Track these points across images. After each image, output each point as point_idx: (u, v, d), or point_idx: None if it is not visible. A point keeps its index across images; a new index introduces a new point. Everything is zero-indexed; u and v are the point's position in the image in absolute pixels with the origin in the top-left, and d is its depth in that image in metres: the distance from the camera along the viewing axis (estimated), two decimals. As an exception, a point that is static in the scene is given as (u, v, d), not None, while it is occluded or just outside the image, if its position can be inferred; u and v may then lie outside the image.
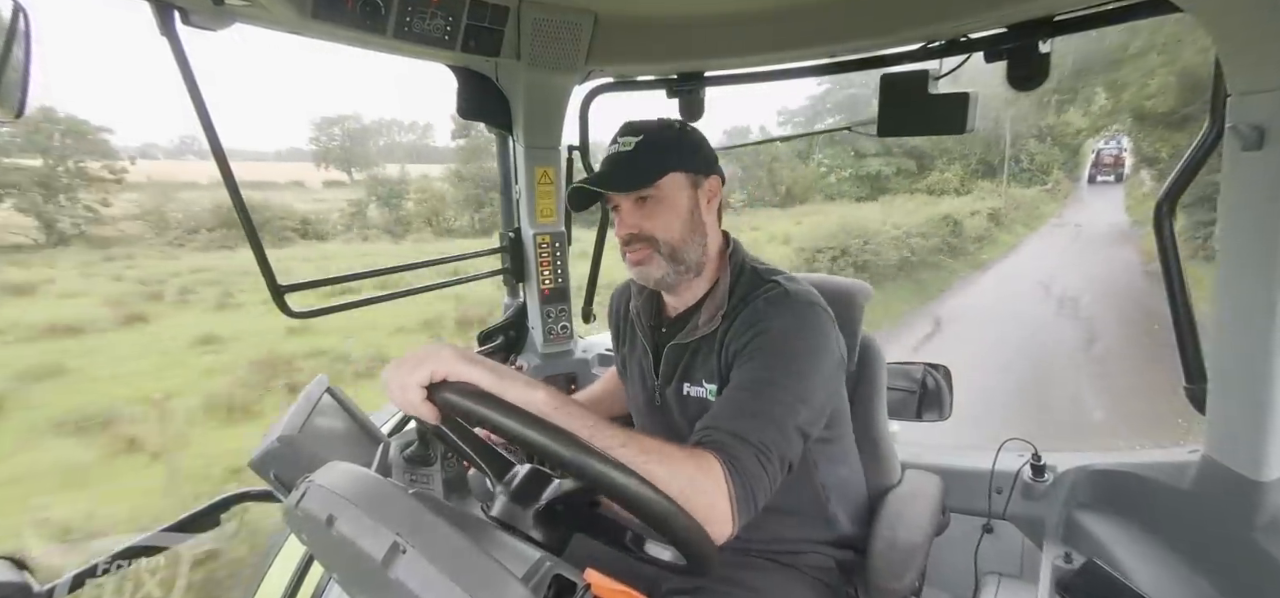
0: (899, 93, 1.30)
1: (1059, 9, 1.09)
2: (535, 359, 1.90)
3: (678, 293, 1.02)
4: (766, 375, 0.84)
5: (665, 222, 0.94)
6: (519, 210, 1.85)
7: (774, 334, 0.87)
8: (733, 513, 0.72)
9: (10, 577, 0.85)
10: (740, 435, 0.77)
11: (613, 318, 1.21)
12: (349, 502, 0.54)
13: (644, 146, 0.93)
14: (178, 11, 1.05)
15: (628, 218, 0.95)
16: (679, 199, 0.95)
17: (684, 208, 0.95)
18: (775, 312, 0.90)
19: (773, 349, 0.86)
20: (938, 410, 1.39)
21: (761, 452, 0.77)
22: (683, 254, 0.95)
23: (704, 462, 0.73)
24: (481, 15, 1.37)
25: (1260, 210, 0.90)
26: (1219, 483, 1.02)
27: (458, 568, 0.48)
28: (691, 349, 0.98)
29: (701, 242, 0.97)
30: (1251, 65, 0.89)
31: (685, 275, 0.97)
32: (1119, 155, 23.27)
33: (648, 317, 1.08)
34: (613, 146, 0.96)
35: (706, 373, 0.96)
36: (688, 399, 0.98)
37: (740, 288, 0.97)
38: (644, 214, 0.94)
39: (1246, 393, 0.95)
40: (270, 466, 0.86)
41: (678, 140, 0.96)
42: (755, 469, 0.76)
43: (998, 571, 1.45)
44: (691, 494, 0.68)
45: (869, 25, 1.29)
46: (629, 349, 1.13)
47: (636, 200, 0.94)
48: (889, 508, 1.11)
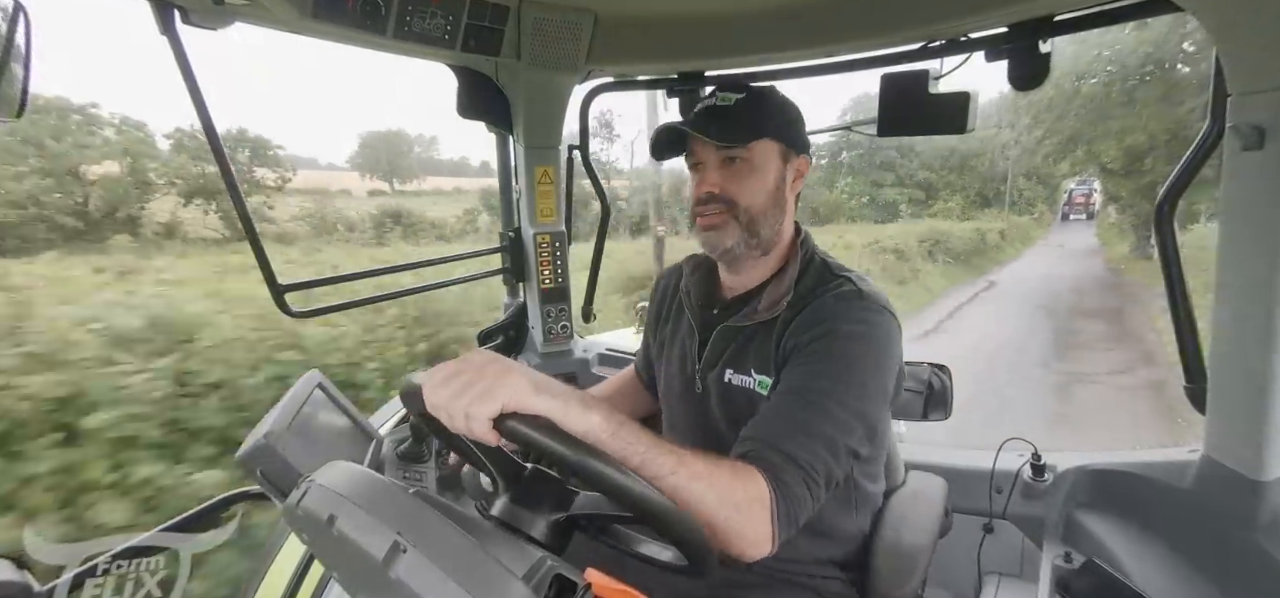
0: (899, 93, 1.30)
1: (1059, 9, 1.09)
2: (535, 359, 1.90)
3: (741, 271, 0.97)
4: (826, 385, 0.79)
5: (751, 187, 0.89)
6: (519, 210, 1.85)
7: (840, 338, 0.81)
8: (773, 537, 0.71)
9: (10, 577, 0.85)
10: (790, 455, 0.74)
11: (657, 296, 1.15)
12: (349, 501, 0.53)
13: (744, 105, 0.89)
14: (178, 11, 1.05)
15: (711, 176, 0.90)
16: (768, 168, 0.90)
17: (772, 178, 0.91)
18: (845, 313, 0.84)
19: (836, 355, 0.81)
20: (942, 410, 1.38)
21: (810, 474, 0.74)
22: (759, 226, 0.90)
23: (752, 484, 0.70)
24: (481, 15, 1.37)
25: (1260, 210, 0.90)
26: (1219, 483, 1.02)
27: (458, 568, 0.48)
28: (746, 334, 0.93)
29: (779, 219, 0.93)
30: (1251, 65, 0.89)
31: (754, 251, 0.93)
32: (1089, 195, 28.17)
33: (699, 296, 1.03)
34: (709, 99, 0.91)
35: (758, 362, 0.90)
36: (729, 387, 0.93)
37: (809, 278, 0.92)
38: (730, 175, 0.90)
39: (1246, 393, 0.95)
40: (257, 462, 0.84)
41: (778, 108, 0.92)
42: (801, 492, 0.73)
43: (998, 570, 1.45)
44: (738, 520, 0.68)
45: (869, 25, 1.29)
46: (671, 329, 1.07)
47: (724, 159, 0.90)
48: (893, 511, 1.09)
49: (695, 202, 0.93)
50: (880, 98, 1.32)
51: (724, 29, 1.45)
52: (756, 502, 0.70)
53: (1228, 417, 1.01)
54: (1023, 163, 24.36)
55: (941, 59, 1.27)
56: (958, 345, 8.25)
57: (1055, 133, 15.54)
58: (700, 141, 0.91)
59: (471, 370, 0.61)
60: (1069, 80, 13.76)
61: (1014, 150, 22.99)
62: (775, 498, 0.71)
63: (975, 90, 1.23)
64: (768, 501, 0.70)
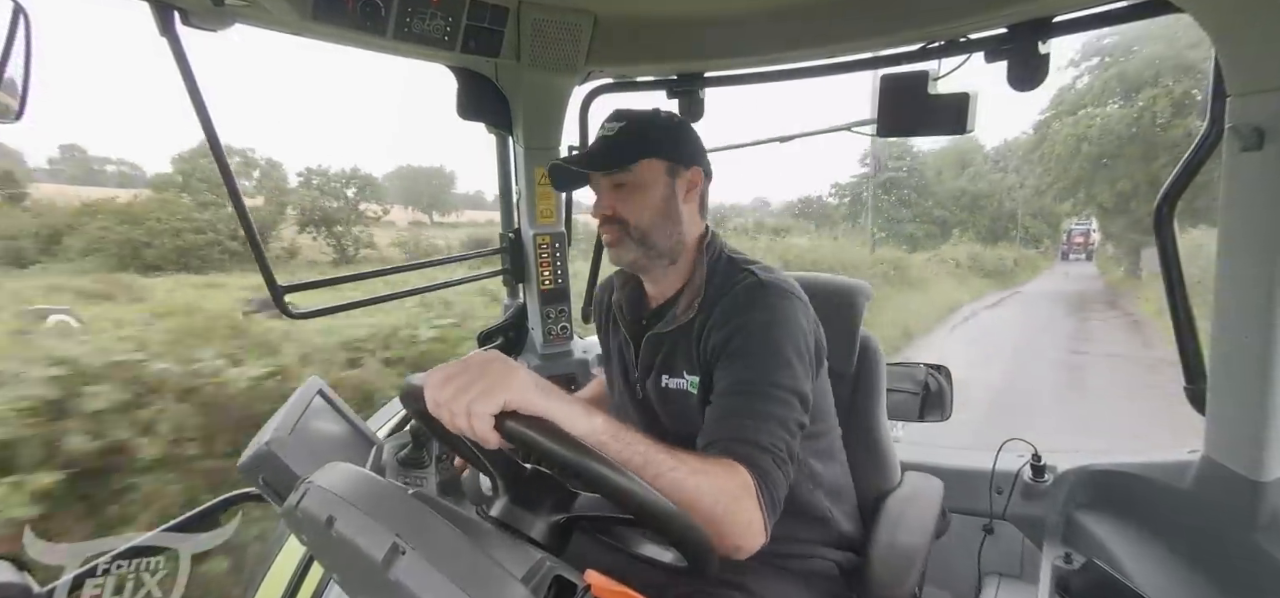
0: (899, 93, 1.30)
1: (1059, 9, 1.09)
2: (535, 359, 1.90)
3: (656, 282, 1.03)
4: (757, 373, 0.85)
5: (637, 206, 0.96)
6: (519, 211, 1.85)
7: (754, 330, 0.88)
8: (764, 523, 0.75)
9: (10, 577, 0.85)
10: (756, 442, 0.79)
11: (598, 310, 1.22)
12: (348, 502, 0.53)
13: (625, 132, 0.95)
14: (178, 12, 1.05)
15: (603, 199, 0.98)
16: (654, 186, 0.96)
17: (658, 195, 0.97)
18: (753, 303, 0.91)
19: (756, 345, 0.87)
20: (939, 411, 1.38)
21: (776, 454, 0.79)
22: (653, 240, 0.97)
23: (737, 475, 0.75)
24: (481, 16, 1.37)
25: (1260, 210, 0.90)
26: (1219, 483, 1.02)
27: (458, 569, 0.48)
28: (670, 339, 0.99)
29: (675, 230, 0.98)
30: (1251, 65, 0.89)
31: (658, 262, 0.99)
32: (1088, 235, 30.35)
33: (629, 309, 1.09)
34: (599, 131, 0.98)
35: (686, 363, 0.96)
36: (667, 391, 0.98)
37: (717, 278, 0.98)
38: (620, 196, 0.96)
39: (1246, 393, 0.95)
40: (259, 469, 0.85)
41: (660, 129, 0.98)
42: (776, 473, 0.78)
43: (998, 571, 1.45)
44: (733, 511, 0.72)
45: (869, 25, 1.29)
46: (611, 341, 1.13)
47: (614, 184, 0.97)
48: (889, 511, 1.10)
49: (599, 224, 1.01)
50: (880, 98, 1.32)
51: (724, 29, 1.45)
52: (744, 490, 0.75)
53: (1228, 417, 1.01)
54: (1032, 204, 29.82)
55: (940, 60, 1.27)
56: (1010, 312, 15.00)
57: (1061, 179, 20.40)
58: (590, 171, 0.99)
59: (473, 369, 0.61)
60: (1073, 140, 18.74)
61: (1021, 191, 29.58)
62: (758, 485, 0.76)
63: (975, 91, 1.24)
64: (753, 488, 0.75)
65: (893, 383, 1.36)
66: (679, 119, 1.02)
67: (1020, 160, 24.82)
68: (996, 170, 33.32)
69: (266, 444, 0.85)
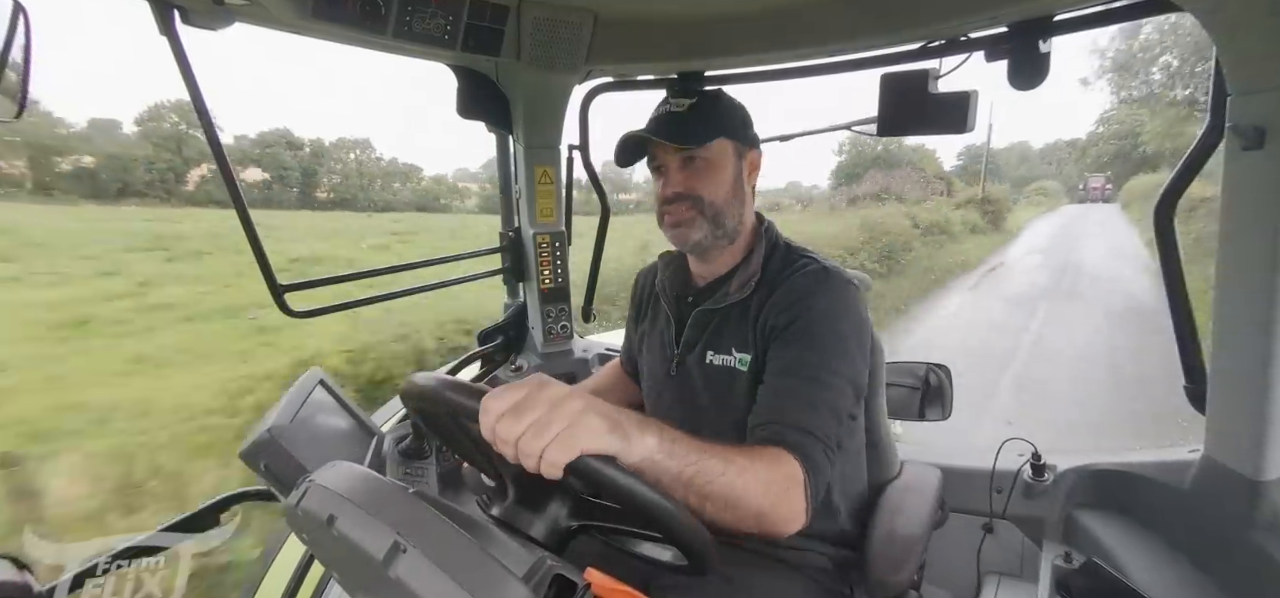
0: (899, 93, 1.29)
1: (1059, 9, 1.09)
2: (535, 359, 1.90)
3: (709, 261, 1.04)
4: (817, 357, 0.85)
5: (712, 183, 0.96)
6: (519, 210, 1.85)
7: (818, 315, 0.88)
8: (806, 510, 0.76)
9: (10, 577, 0.85)
10: (809, 430, 0.80)
11: (636, 294, 1.22)
12: (349, 501, 0.53)
13: (697, 109, 0.95)
14: (178, 11, 1.05)
15: (675, 176, 0.97)
16: (726, 164, 0.97)
17: (730, 173, 0.97)
18: (819, 290, 0.91)
19: (819, 330, 0.87)
20: (939, 409, 1.38)
21: (827, 445, 0.80)
22: (724, 219, 0.97)
23: (787, 466, 0.76)
24: (481, 14, 1.37)
25: (1260, 210, 0.90)
26: (1219, 483, 1.02)
27: (458, 568, 0.48)
28: (721, 315, 0.99)
29: (741, 210, 1.00)
30: (1251, 65, 0.88)
31: (721, 241, 0.99)
32: (1104, 184, 38.76)
33: (674, 287, 1.09)
34: (664, 105, 0.97)
35: (737, 341, 0.96)
36: (710, 367, 0.98)
37: (774, 262, 0.99)
38: (692, 173, 0.96)
39: (1246, 393, 0.95)
40: (260, 456, 0.85)
41: (728, 108, 0.99)
42: (824, 463, 0.80)
43: (998, 570, 1.45)
44: (779, 502, 0.73)
45: (869, 25, 1.29)
46: (650, 323, 1.14)
47: (684, 160, 0.96)
48: (887, 501, 1.11)
49: (662, 201, 0.99)
50: (880, 98, 1.32)
51: (724, 29, 1.45)
52: (793, 482, 0.75)
53: (1228, 417, 1.01)
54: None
55: (940, 59, 1.27)
56: (1055, 219, 23.72)
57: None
58: (662, 146, 0.97)
59: (544, 407, 0.55)
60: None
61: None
62: (807, 476, 0.77)
63: (975, 91, 1.23)
64: (801, 479, 0.76)
65: (893, 379, 1.36)
66: (740, 103, 1.02)
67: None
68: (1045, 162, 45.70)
69: (268, 432, 0.86)
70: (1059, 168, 45.04)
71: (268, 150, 27.54)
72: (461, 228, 15.84)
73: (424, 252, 2.84)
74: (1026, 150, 49.87)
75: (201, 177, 22.95)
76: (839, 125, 1.66)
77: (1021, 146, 49.50)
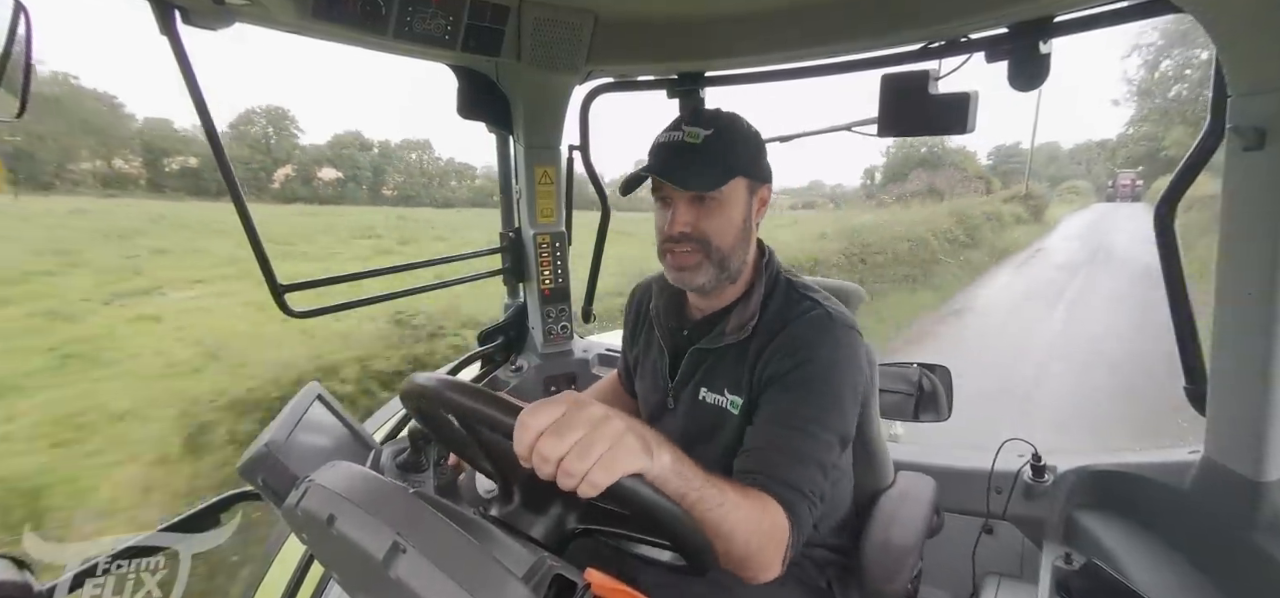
0: (899, 93, 1.29)
1: (1059, 9, 1.09)
2: (535, 359, 1.90)
3: (708, 296, 0.98)
4: (811, 411, 0.83)
5: (721, 225, 0.88)
6: (519, 210, 1.85)
7: (819, 366, 0.85)
8: (783, 562, 0.76)
9: (10, 576, 0.85)
10: (796, 486, 0.79)
11: (630, 312, 1.17)
12: (349, 501, 0.53)
13: (713, 143, 0.86)
14: (178, 11, 1.05)
15: (682, 213, 0.89)
16: (738, 204, 0.90)
17: (740, 214, 0.90)
18: (821, 341, 0.87)
19: (818, 381, 0.85)
20: (935, 412, 1.38)
21: (812, 501, 0.80)
22: (729, 262, 0.91)
23: (775, 516, 0.76)
24: (482, 15, 1.37)
25: (1260, 211, 0.90)
26: (1219, 483, 1.02)
27: (458, 567, 0.48)
28: (716, 355, 0.95)
29: (746, 251, 0.94)
30: (1251, 65, 0.88)
31: (724, 282, 0.94)
32: (1134, 181, 36.39)
33: (668, 318, 1.05)
34: (675, 132, 0.88)
35: (731, 383, 0.93)
36: (702, 404, 0.96)
37: (774, 302, 0.94)
38: (702, 213, 0.88)
39: (1246, 393, 0.95)
40: (258, 471, 0.85)
41: (744, 142, 0.91)
42: (807, 517, 0.79)
43: (997, 571, 1.44)
44: (760, 548, 0.73)
45: (869, 25, 1.29)
46: (644, 349, 1.10)
47: (694, 198, 0.88)
48: (882, 511, 1.11)
49: (665, 237, 0.91)
50: (880, 98, 1.32)
51: (724, 29, 1.45)
52: (777, 531, 0.75)
53: (1228, 418, 1.01)
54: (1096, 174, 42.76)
55: (940, 60, 1.27)
56: (1087, 215, 25.07)
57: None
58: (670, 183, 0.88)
59: (585, 427, 0.54)
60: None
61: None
62: (791, 526, 0.77)
63: (975, 91, 1.23)
64: (785, 533, 0.76)
65: (887, 384, 1.37)
66: (755, 130, 0.94)
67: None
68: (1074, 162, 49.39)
69: (265, 446, 0.86)
70: (1088, 168, 46.01)
71: (342, 152, 29.98)
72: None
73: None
74: (1056, 150, 51.25)
75: (286, 176, 26.11)
76: (839, 126, 1.66)
77: (1051, 146, 50.86)
